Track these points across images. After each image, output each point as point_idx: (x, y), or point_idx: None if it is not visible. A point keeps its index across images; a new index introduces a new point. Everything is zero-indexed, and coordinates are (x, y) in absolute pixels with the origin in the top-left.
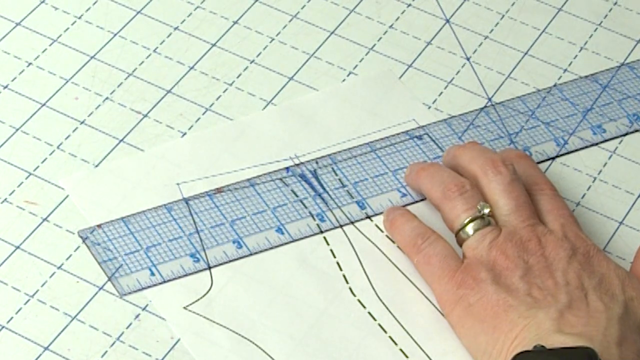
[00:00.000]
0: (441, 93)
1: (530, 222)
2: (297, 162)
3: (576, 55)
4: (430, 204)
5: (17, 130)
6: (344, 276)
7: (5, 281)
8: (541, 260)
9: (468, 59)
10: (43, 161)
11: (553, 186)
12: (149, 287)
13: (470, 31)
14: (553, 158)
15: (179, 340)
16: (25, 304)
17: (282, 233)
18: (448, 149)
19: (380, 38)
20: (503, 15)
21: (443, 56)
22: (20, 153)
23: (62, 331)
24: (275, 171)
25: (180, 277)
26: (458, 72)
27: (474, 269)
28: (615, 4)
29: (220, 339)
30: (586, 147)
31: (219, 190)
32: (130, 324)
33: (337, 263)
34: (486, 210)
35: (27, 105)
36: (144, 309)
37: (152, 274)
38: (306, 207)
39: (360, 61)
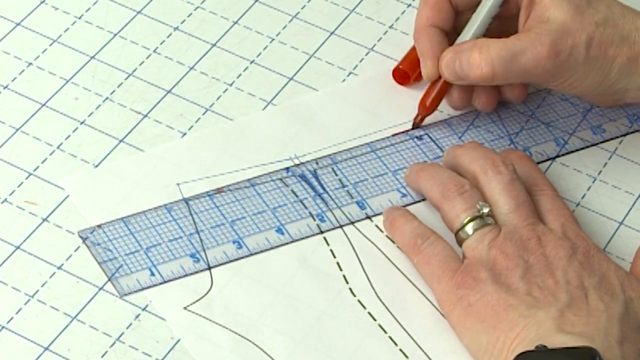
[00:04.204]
0: None
1: (530, 221)
2: (297, 162)
3: None
4: (430, 204)
5: (17, 130)
6: (344, 276)
7: (5, 281)
8: (541, 260)
9: None
10: (43, 161)
11: (553, 187)
12: (149, 287)
13: None
14: (553, 158)
15: (179, 340)
16: (25, 304)
17: (282, 233)
18: (448, 149)
19: (380, 38)
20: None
21: None
22: (20, 153)
23: (62, 331)
24: (275, 171)
25: (180, 277)
26: None
27: (474, 269)
28: None
29: (220, 339)
30: (586, 147)
31: (219, 191)
32: (130, 324)
33: (337, 263)
34: (485, 210)
35: (27, 105)
36: (144, 309)
37: (152, 274)
38: (306, 208)
39: (360, 61)
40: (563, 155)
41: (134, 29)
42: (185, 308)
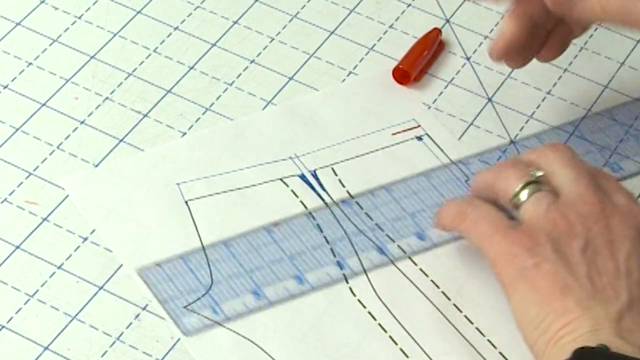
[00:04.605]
0: (441, 93)
1: (593, 189)
2: (297, 162)
3: (576, 55)
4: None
5: (17, 130)
6: (344, 275)
7: (5, 281)
8: (605, 233)
9: (468, 59)
10: (43, 161)
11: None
12: (213, 325)
13: (470, 31)
14: None
15: (179, 340)
16: (25, 304)
17: (343, 268)
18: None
19: (380, 38)
20: (503, 15)
21: (443, 56)
22: (20, 153)
23: (62, 331)
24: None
25: (243, 314)
26: (458, 72)
27: (531, 231)
28: None
29: (220, 339)
30: None
31: (275, 224)
32: (130, 324)
33: (337, 262)
34: (539, 173)
35: (27, 105)
36: (144, 309)
37: (215, 312)
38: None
39: (360, 61)
40: None
41: (134, 29)
42: (185, 308)
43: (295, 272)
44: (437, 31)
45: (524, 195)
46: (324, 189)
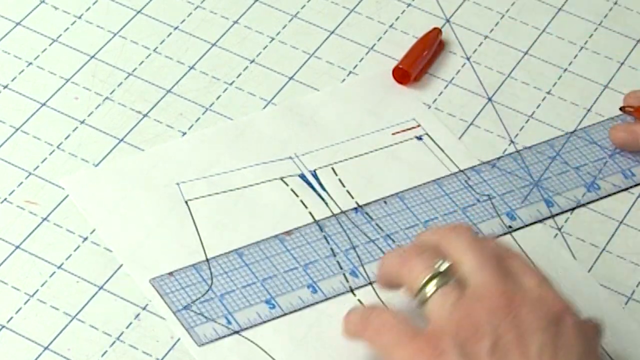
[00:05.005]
0: (441, 93)
1: (500, 276)
2: (297, 161)
3: (576, 55)
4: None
5: (17, 130)
6: (344, 275)
7: (5, 281)
8: (513, 328)
9: (468, 59)
10: (43, 161)
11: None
12: (226, 336)
13: (470, 31)
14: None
15: (179, 340)
16: (25, 303)
17: (357, 277)
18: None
19: (380, 38)
20: (503, 15)
21: (443, 56)
22: (20, 153)
23: (62, 331)
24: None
25: (256, 324)
26: (458, 72)
27: (436, 335)
28: (615, 3)
29: (220, 339)
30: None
31: (288, 233)
32: (130, 324)
33: (337, 262)
34: (446, 265)
35: (27, 105)
36: (144, 309)
37: (229, 322)
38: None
39: (360, 61)
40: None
41: (134, 28)
42: (185, 308)
43: (308, 281)
44: (437, 31)
45: (429, 290)
46: (324, 189)
